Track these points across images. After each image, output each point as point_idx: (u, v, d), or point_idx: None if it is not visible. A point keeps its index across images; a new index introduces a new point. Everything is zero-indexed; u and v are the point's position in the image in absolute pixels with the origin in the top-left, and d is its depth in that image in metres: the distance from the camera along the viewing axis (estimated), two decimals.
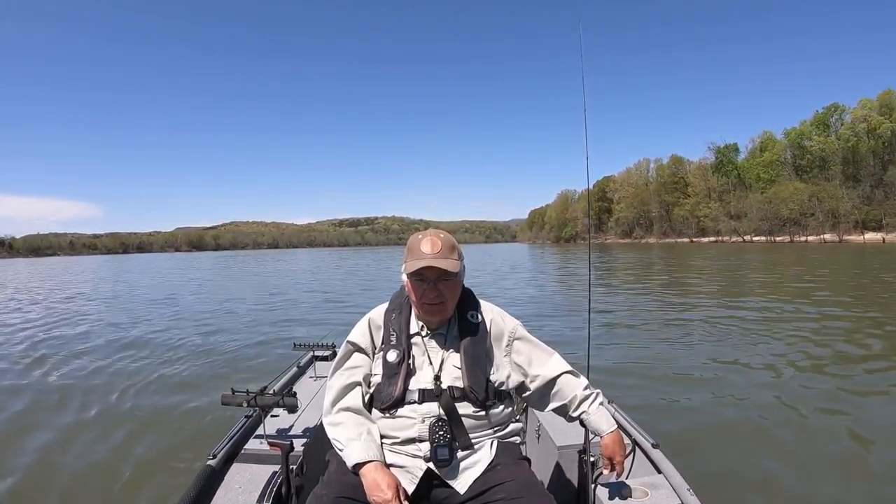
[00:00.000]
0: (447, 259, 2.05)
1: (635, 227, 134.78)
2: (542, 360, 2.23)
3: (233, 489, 2.39)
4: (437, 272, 2.04)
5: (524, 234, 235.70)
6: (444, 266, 2.02)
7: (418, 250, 2.06)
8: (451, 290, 2.11)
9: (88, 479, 4.41)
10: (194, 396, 6.50)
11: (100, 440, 5.23)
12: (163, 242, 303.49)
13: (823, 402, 5.87)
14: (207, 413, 5.76)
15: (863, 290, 16.77)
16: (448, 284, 2.08)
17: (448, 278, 2.07)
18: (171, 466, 4.50)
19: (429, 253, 2.04)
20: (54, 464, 4.72)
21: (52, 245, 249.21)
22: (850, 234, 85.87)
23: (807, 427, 5.20)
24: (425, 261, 2.02)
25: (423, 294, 2.07)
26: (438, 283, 2.06)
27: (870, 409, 5.65)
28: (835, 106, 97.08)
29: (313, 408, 3.12)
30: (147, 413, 6.00)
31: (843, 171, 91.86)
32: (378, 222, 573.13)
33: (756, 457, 4.49)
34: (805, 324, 10.56)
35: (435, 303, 2.08)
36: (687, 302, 14.78)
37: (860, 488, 3.99)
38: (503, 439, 2.11)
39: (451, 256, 2.07)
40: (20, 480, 4.42)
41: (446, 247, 2.07)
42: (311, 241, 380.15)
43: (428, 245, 2.06)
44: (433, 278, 2.05)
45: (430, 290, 2.06)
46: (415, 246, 2.09)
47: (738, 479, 4.10)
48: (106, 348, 9.89)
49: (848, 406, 5.75)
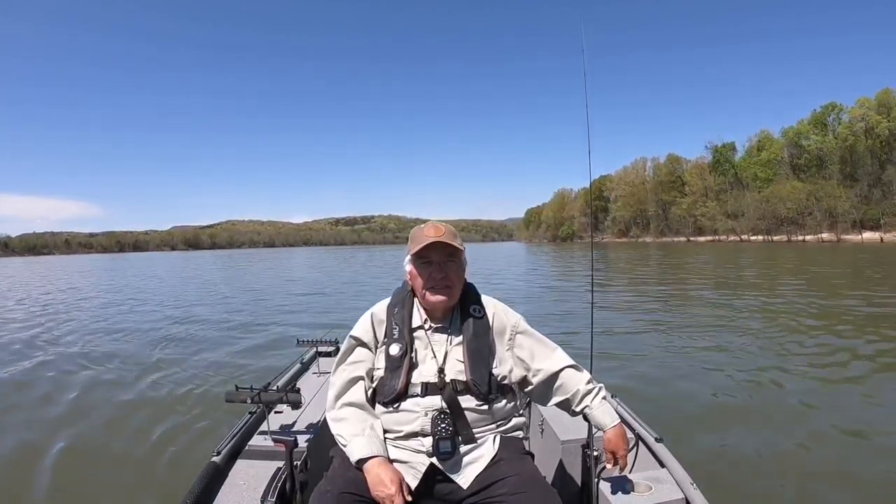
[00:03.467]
0: (452, 240, 2.08)
1: (632, 226, 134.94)
2: (544, 354, 2.23)
3: (237, 485, 2.39)
4: (444, 250, 2.08)
5: (521, 234, 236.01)
6: (449, 241, 2.06)
7: (422, 235, 2.10)
8: (456, 273, 2.13)
9: (94, 475, 4.41)
10: (199, 393, 6.52)
11: (105, 437, 5.24)
12: (159, 241, 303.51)
13: (828, 399, 5.88)
14: (212, 410, 5.76)
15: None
16: (454, 267, 2.12)
17: (454, 259, 2.11)
18: (176, 463, 4.51)
19: (433, 235, 2.07)
20: (59, 460, 4.71)
21: (48, 244, 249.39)
22: (848, 234, 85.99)
23: (811, 422, 5.21)
24: (431, 239, 2.06)
25: (430, 276, 2.09)
26: (444, 266, 2.09)
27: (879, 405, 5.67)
28: (833, 105, 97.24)
29: (317, 404, 3.12)
30: (152, 410, 6.00)
31: (840, 171, 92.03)
32: (375, 221, 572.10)
33: (760, 451, 4.50)
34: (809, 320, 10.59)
35: (442, 285, 2.10)
36: (689, 297, 14.84)
37: (865, 485, 3.99)
38: (506, 434, 2.11)
39: (455, 240, 2.10)
40: (25, 475, 4.43)
41: (450, 231, 2.11)
42: (308, 239, 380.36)
43: (432, 230, 2.10)
44: (439, 259, 2.08)
45: (437, 270, 2.09)
46: (418, 233, 2.14)
47: (741, 473, 4.12)
48: (110, 345, 9.90)
49: (854, 403, 5.78)
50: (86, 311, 15.71)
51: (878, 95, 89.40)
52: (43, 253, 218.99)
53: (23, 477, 4.43)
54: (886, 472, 4.14)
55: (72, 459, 4.74)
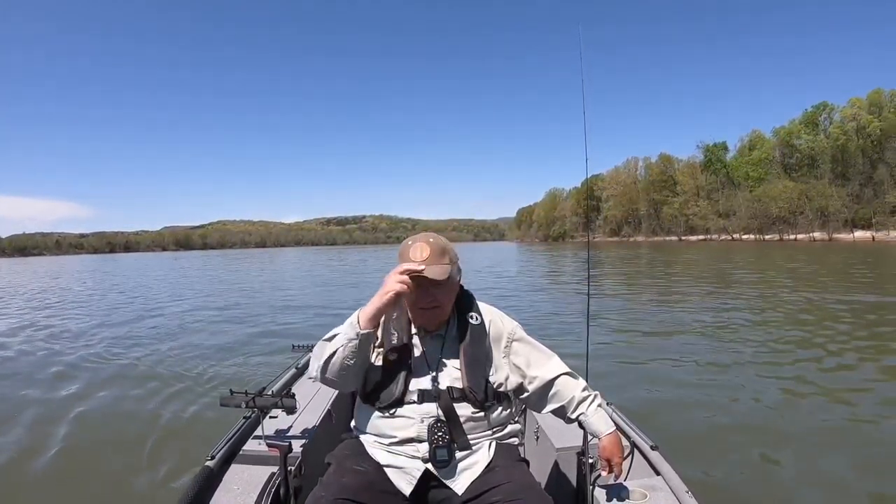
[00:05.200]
0: (436, 266, 2.03)
1: (624, 225, 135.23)
2: (540, 361, 2.23)
3: (231, 490, 2.38)
4: (427, 280, 2.03)
5: (513, 233, 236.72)
6: (430, 275, 2.01)
7: (408, 257, 2.06)
8: (445, 294, 2.11)
9: (86, 480, 4.39)
10: (193, 397, 6.49)
11: (97, 441, 5.22)
12: (150, 242, 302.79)
13: (828, 404, 5.90)
14: (206, 414, 5.76)
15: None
16: (441, 289, 2.08)
17: (438, 285, 2.07)
18: (169, 467, 4.49)
19: (417, 259, 2.03)
20: (51, 464, 4.69)
21: (38, 245, 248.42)
22: (840, 233, 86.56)
23: (809, 429, 5.21)
24: (415, 268, 2.01)
25: (417, 299, 2.07)
26: (431, 289, 2.06)
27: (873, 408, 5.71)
28: (824, 105, 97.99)
29: (312, 409, 3.11)
30: (146, 414, 5.98)
31: (832, 170, 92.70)
32: (366, 221, 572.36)
33: (755, 459, 4.52)
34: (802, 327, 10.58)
35: (429, 307, 2.09)
36: (683, 303, 14.84)
37: (861, 488, 4.02)
38: (501, 441, 2.12)
39: (440, 262, 2.05)
40: (16, 480, 4.41)
41: (435, 253, 2.05)
42: (299, 239, 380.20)
43: (417, 252, 2.05)
44: (426, 283, 2.04)
45: (424, 294, 2.06)
46: (405, 252, 2.09)
47: (737, 482, 4.12)
48: (103, 348, 9.85)
49: (851, 406, 5.80)
50: (76, 315, 15.63)
51: (869, 95, 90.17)
52: (33, 254, 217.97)
53: (14, 482, 4.40)
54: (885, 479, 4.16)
55: (64, 464, 4.71)
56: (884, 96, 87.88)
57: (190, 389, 6.87)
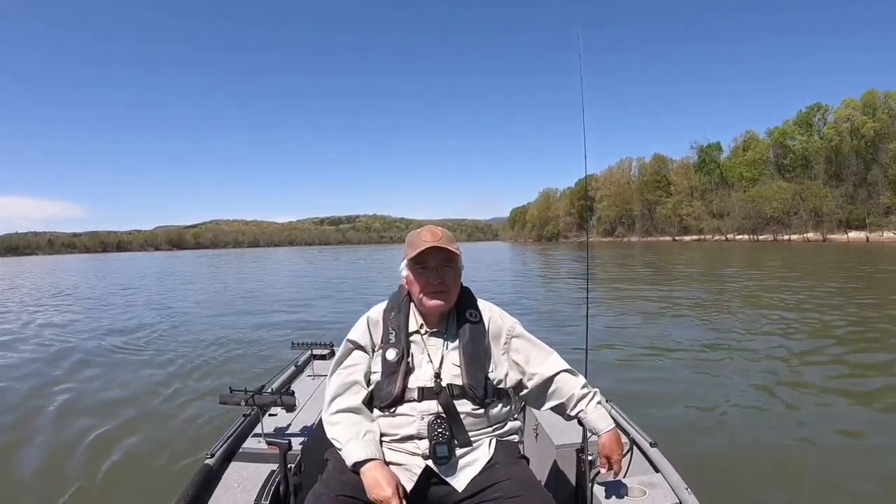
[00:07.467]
0: (449, 245, 2.09)
1: (617, 225, 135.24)
2: (539, 358, 2.24)
3: (231, 488, 2.38)
4: (440, 255, 2.08)
5: (506, 233, 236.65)
6: (446, 246, 2.07)
7: (419, 240, 2.10)
8: (452, 278, 2.14)
9: (86, 478, 4.38)
10: (193, 395, 6.49)
11: (97, 439, 5.20)
12: (142, 241, 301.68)
13: (820, 400, 5.95)
14: (205, 412, 5.74)
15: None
16: (450, 272, 2.12)
17: (450, 264, 2.11)
18: (169, 465, 4.50)
19: (430, 240, 2.07)
20: (51, 462, 4.69)
21: (30, 244, 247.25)
22: (834, 233, 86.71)
23: (807, 426, 5.22)
24: (429, 244, 2.06)
25: (427, 281, 2.10)
26: (441, 271, 2.09)
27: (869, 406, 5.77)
28: (818, 105, 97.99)
29: (311, 407, 3.11)
30: (146, 412, 5.98)
31: (826, 171, 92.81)
32: (360, 221, 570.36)
33: (754, 456, 4.53)
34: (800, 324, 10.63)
35: (438, 290, 2.10)
36: (681, 299, 14.87)
37: (857, 484, 4.04)
38: (501, 438, 2.12)
39: (452, 244, 2.10)
40: (15, 476, 4.43)
41: (447, 236, 2.12)
42: (293, 239, 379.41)
43: (429, 234, 2.10)
44: (435, 265, 2.09)
45: (434, 276, 2.10)
46: (415, 237, 2.14)
47: (735, 479, 4.14)
48: (102, 346, 9.83)
49: (844, 404, 5.83)
50: (71, 313, 15.55)
51: (863, 96, 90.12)
52: (25, 253, 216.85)
53: (13, 479, 4.41)
54: (881, 476, 4.17)
55: (63, 461, 4.70)
56: (877, 97, 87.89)
57: (189, 387, 6.87)
